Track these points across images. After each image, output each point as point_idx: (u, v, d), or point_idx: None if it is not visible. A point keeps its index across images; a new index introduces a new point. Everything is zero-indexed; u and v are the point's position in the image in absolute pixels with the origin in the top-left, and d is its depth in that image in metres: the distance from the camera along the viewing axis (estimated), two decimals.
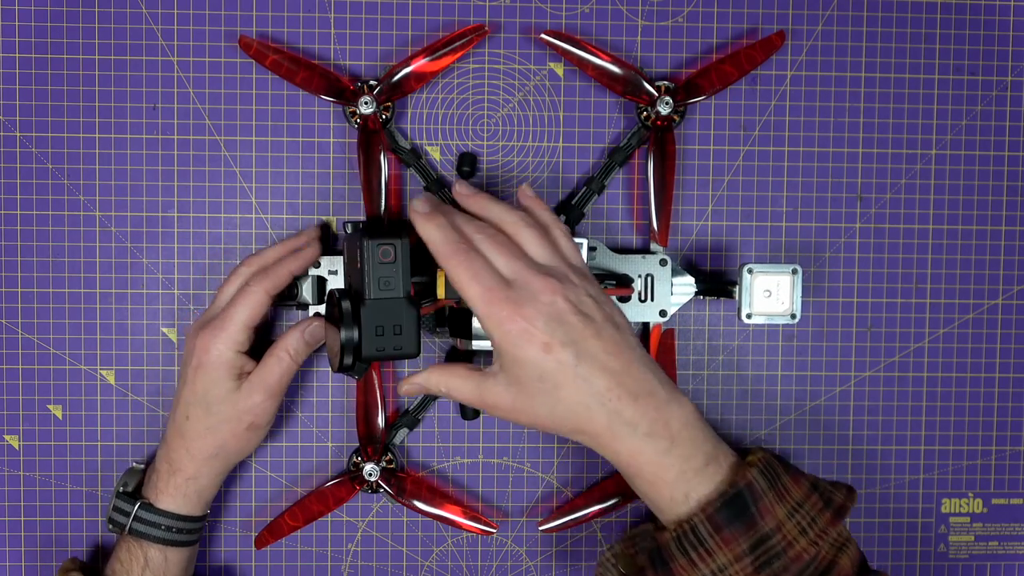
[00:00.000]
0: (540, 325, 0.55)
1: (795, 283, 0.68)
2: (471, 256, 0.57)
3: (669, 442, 0.56)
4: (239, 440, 0.65)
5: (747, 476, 0.56)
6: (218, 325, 0.64)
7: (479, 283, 0.56)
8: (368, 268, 0.59)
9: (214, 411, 0.64)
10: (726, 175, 0.72)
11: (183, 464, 0.65)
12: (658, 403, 0.57)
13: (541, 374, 0.56)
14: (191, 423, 0.64)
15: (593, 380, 0.56)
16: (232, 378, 0.64)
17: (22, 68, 0.70)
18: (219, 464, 0.66)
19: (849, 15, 0.72)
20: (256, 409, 0.64)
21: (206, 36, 0.70)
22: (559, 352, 0.55)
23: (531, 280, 0.56)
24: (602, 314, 0.58)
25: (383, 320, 0.60)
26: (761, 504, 0.55)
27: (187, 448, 0.65)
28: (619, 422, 0.56)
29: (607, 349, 0.56)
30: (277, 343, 0.65)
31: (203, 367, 0.64)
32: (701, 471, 0.57)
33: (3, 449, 0.71)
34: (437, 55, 0.68)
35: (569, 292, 0.57)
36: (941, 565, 0.75)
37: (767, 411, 0.73)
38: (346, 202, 0.71)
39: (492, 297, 0.56)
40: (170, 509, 0.65)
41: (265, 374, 0.64)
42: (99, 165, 0.70)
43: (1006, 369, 0.74)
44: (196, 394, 0.64)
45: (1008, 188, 0.73)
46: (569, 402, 0.56)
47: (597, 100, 0.72)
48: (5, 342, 0.71)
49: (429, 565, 0.73)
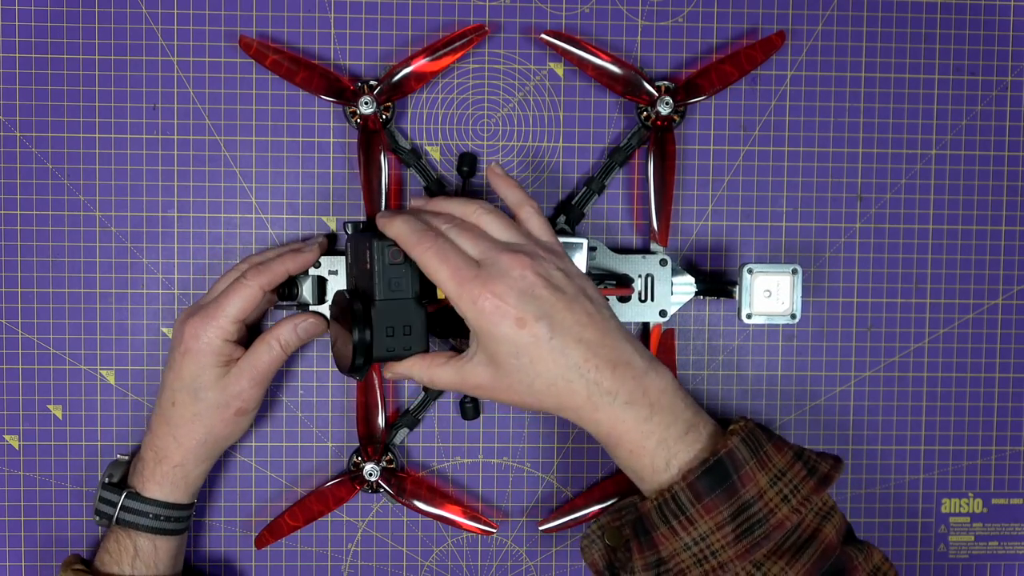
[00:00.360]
0: (512, 300, 0.56)
1: (795, 283, 0.68)
2: (438, 241, 0.57)
3: (649, 410, 0.57)
4: (227, 426, 0.65)
5: (728, 444, 0.56)
6: (209, 313, 0.64)
7: (448, 265, 0.57)
8: (378, 269, 0.59)
9: (200, 397, 0.64)
10: (726, 175, 0.72)
11: (170, 451, 0.65)
12: (636, 372, 0.57)
13: (517, 350, 0.56)
14: (177, 409, 0.64)
15: (569, 352, 0.56)
16: (219, 365, 0.64)
17: (22, 68, 0.70)
18: (206, 451, 0.66)
19: (849, 15, 0.72)
20: (244, 395, 0.64)
21: (206, 36, 0.70)
22: (533, 326, 0.56)
23: (499, 258, 0.57)
24: (574, 287, 0.58)
25: (393, 321, 0.60)
26: (743, 472, 0.56)
27: (174, 435, 0.65)
28: (598, 392, 0.56)
29: (580, 321, 0.57)
30: (269, 331, 0.65)
31: (191, 353, 0.63)
32: (681, 438, 0.57)
33: (3, 449, 0.71)
34: (437, 55, 0.68)
35: (539, 266, 0.57)
36: (941, 565, 0.75)
37: (767, 411, 0.73)
38: (346, 202, 0.71)
39: (462, 277, 0.56)
40: (157, 497, 0.65)
41: (254, 360, 0.64)
42: (99, 165, 0.70)
43: (1006, 369, 0.74)
44: (183, 380, 0.64)
45: (1008, 188, 0.73)
46: (547, 376, 0.56)
47: (597, 100, 0.72)
48: (5, 342, 0.71)
49: (429, 565, 0.73)
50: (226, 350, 0.64)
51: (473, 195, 0.71)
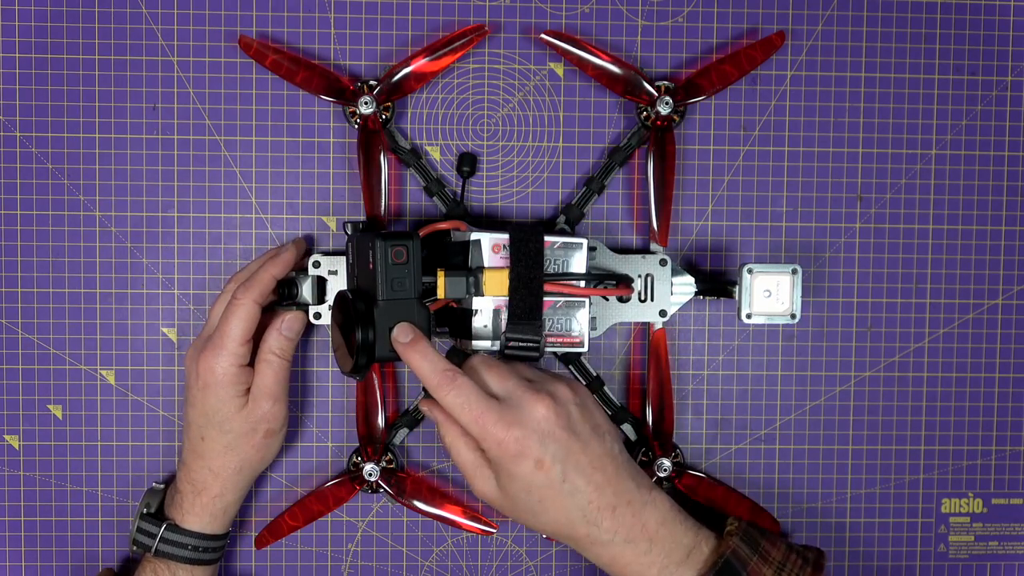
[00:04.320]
0: (533, 443, 0.58)
1: (795, 283, 0.68)
2: (459, 383, 0.59)
3: (648, 543, 0.60)
4: (259, 450, 0.66)
5: (730, 544, 0.60)
6: (217, 344, 0.64)
7: (471, 410, 0.58)
8: (380, 269, 0.59)
9: (227, 428, 0.65)
10: (726, 175, 0.72)
11: (208, 483, 0.65)
12: (635, 509, 0.60)
13: (529, 487, 0.59)
14: (207, 443, 0.65)
15: (578, 495, 0.59)
16: (240, 394, 0.65)
17: (22, 68, 0.70)
18: (244, 478, 0.67)
19: (849, 15, 0.72)
20: (268, 416, 0.65)
21: (206, 36, 0.70)
22: (549, 469, 0.58)
23: (522, 397, 0.59)
24: (589, 425, 0.61)
25: (395, 321, 0.60)
26: (750, 567, 0.59)
27: (209, 467, 0.65)
28: (598, 532, 0.60)
29: (593, 463, 0.60)
30: (260, 348, 0.66)
31: (210, 387, 0.64)
32: (683, 562, 0.60)
33: (3, 449, 0.71)
34: (437, 55, 0.68)
35: (559, 407, 0.59)
36: (941, 565, 0.75)
37: (767, 411, 0.73)
38: (346, 202, 0.71)
39: (485, 420, 0.58)
40: (196, 529, 0.65)
41: (262, 381, 0.65)
42: (99, 165, 0.70)
43: (1006, 369, 0.74)
44: (207, 415, 0.65)
45: (1008, 188, 0.73)
46: (552, 514, 0.60)
47: (597, 100, 0.72)
48: (5, 342, 0.71)
49: (429, 565, 0.73)
50: (242, 377, 0.65)
51: (472, 195, 0.71)
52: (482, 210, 0.72)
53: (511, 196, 0.72)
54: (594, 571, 0.73)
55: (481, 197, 0.72)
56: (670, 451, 0.71)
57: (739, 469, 0.73)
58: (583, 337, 0.65)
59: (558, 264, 0.65)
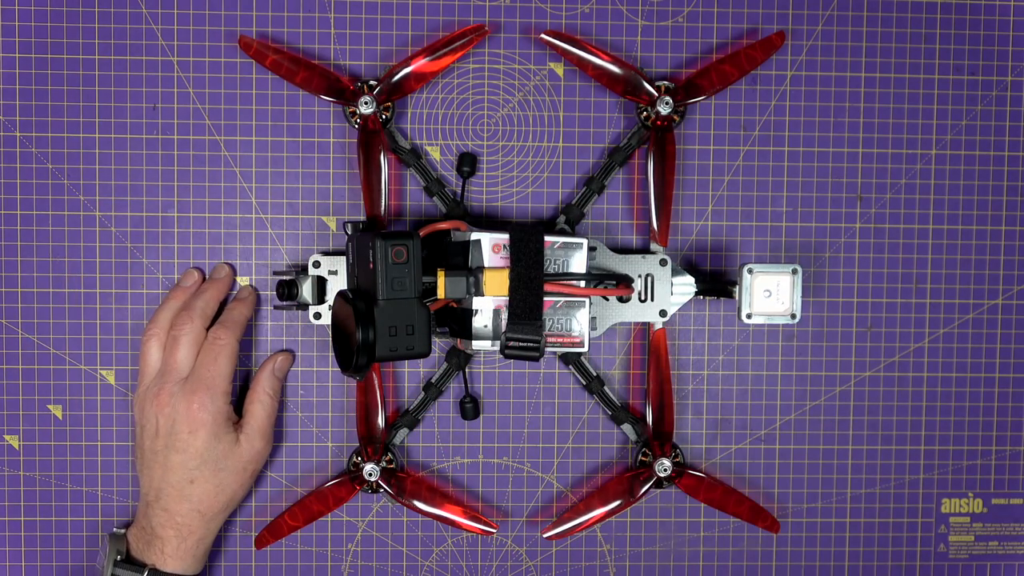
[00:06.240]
0: None
1: (795, 283, 0.68)
2: None
3: None
4: (245, 488, 0.68)
5: None
6: (209, 385, 0.65)
7: None
8: (381, 268, 0.59)
9: (221, 466, 0.66)
10: (726, 175, 0.72)
11: (195, 527, 0.66)
12: None
13: None
14: (198, 486, 0.65)
15: None
16: (231, 431, 0.66)
17: (22, 68, 0.70)
18: (225, 515, 0.68)
19: (849, 15, 0.72)
20: (259, 455, 0.68)
21: (206, 36, 0.70)
22: None
23: None
24: None
25: (396, 321, 0.60)
26: None
27: (198, 510, 0.66)
28: None
29: None
30: (253, 388, 0.68)
31: (206, 426, 0.65)
32: None
33: (3, 449, 0.71)
34: (437, 55, 0.68)
35: None
36: (941, 565, 0.75)
37: (767, 411, 0.73)
38: (346, 202, 0.71)
39: None
40: (178, 572, 0.66)
41: (255, 421, 0.67)
42: (99, 165, 0.70)
43: (1006, 369, 0.74)
44: (199, 457, 0.65)
45: (1008, 188, 0.73)
46: None
47: (597, 100, 0.72)
48: (5, 342, 0.71)
49: (429, 565, 0.73)
50: (231, 415, 0.67)
51: (472, 195, 0.71)
52: (482, 210, 0.72)
53: (511, 196, 0.72)
54: (595, 571, 0.73)
55: (481, 197, 0.72)
56: (670, 451, 0.71)
57: (739, 469, 0.73)
58: (583, 337, 0.65)
59: (558, 264, 0.65)
